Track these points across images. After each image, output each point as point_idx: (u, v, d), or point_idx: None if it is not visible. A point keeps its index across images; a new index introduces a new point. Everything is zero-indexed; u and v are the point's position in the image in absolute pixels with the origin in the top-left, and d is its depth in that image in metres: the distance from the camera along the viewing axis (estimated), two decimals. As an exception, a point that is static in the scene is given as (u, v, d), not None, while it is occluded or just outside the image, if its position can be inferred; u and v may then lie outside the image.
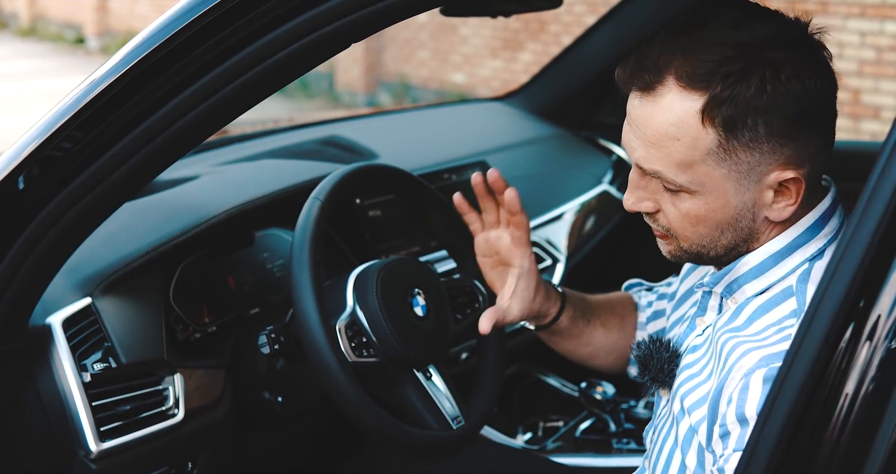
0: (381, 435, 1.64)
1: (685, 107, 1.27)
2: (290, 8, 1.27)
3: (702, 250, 1.39)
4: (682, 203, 1.34)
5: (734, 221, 1.34)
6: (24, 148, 1.37)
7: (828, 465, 1.04)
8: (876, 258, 1.04)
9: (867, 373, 1.02)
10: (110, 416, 1.63)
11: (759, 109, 1.25)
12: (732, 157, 1.28)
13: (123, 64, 1.32)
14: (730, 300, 1.43)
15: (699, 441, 1.35)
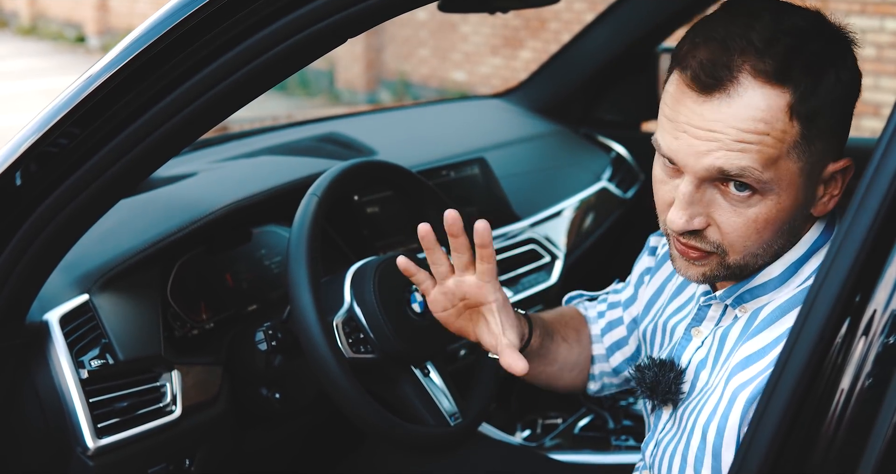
0: (378, 432, 1.64)
1: (771, 102, 1.22)
2: (285, 3, 1.27)
3: (750, 261, 1.32)
4: (749, 209, 1.27)
5: (792, 221, 1.30)
6: (21, 144, 1.37)
7: (824, 461, 1.04)
8: (871, 253, 1.04)
9: (863, 369, 1.02)
10: (107, 413, 1.63)
11: (834, 99, 1.25)
12: (811, 149, 1.25)
13: (119, 60, 1.32)
14: (739, 309, 1.39)
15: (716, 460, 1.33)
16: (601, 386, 1.80)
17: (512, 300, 2.32)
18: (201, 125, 1.39)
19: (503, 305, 1.58)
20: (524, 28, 9.17)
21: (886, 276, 1.02)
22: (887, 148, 1.06)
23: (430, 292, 1.61)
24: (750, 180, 1.24)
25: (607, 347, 1.77)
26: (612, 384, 1.80)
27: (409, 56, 10.51)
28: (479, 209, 2.42)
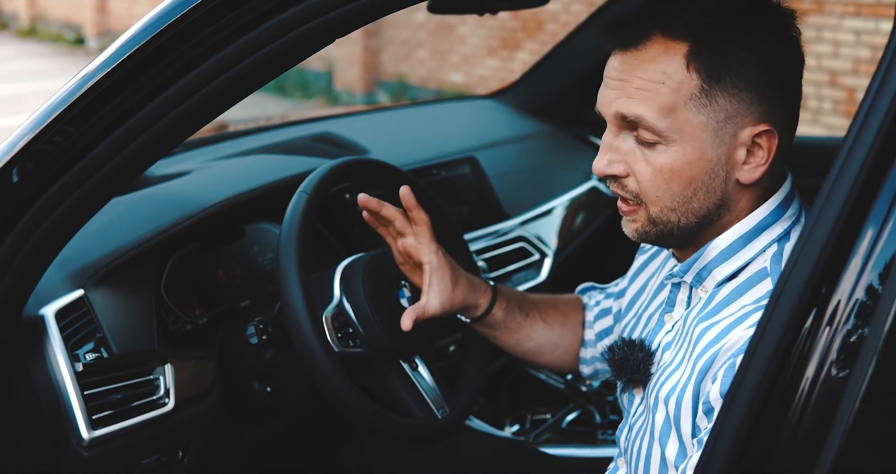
0: (366, 424, 1.67)
1: (670, 54, 1.33)
2: (274, 5, 1.30)
3: (672, 217, 1.39)
4: (657, 157, 1.36)
5: (707, 179, 1.36)
6: (17, 142, 1.39)
7: (790, 446, 1.07)
8: (836, 247, 1.08)
9: (827, 357, 1.06)
10: (102, 405, 1.64)
11: (739, 59, 1.33)
12: (713, 104, 1.33)
13: (111, 61, 1.34)
14: (700, 289, 1.45)
15: (677, 433, 1.38)
16: (594, 371, 1.88)
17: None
18: (193, 124, 1.41)
19: (437, 269, 1.74)
20: (521, 29, 9.20)
21: (850, 269, 1.06)
22: (853, 145, 1.09)
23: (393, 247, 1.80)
24: (648, 127, 1.33)
25: (596, 333, 1.84)
26: (604, 369, 1.85)
27: (406, 58, 10.53)
28: (469, 207, 2.45)
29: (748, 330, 1.31)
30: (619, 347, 1.54)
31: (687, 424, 1.37)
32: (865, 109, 1.10)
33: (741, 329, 1.32)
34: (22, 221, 1.41)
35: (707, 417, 1.32)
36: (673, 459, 1.40)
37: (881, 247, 1.05)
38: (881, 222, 1.06)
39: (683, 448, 1.39)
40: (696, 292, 1.47)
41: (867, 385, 1.03)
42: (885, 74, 1.10)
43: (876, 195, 1.07)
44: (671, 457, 1.41)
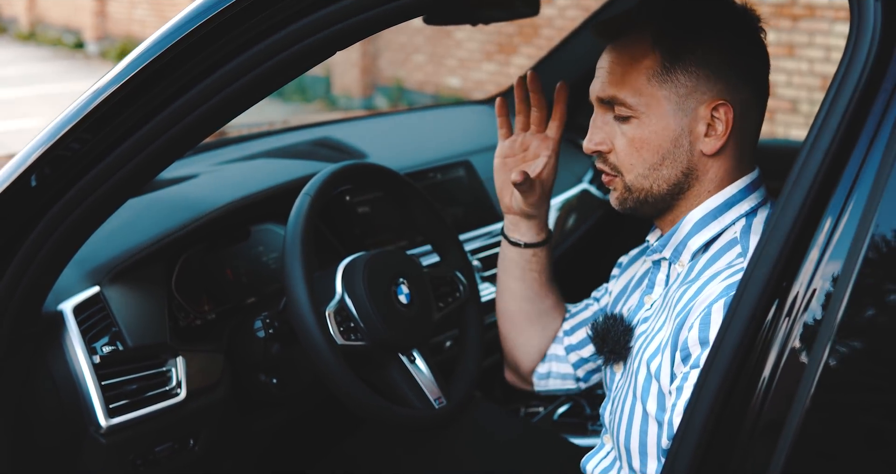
0: (368, 413, 1.75)
1: (640, 39, 1.55)
2: (277, 21, 1.37)
3: (645, 183, 1.58)
4: (630, 130, 1.56)
5: (672, 148, 1.55)
6: (35, 149, 1.45)
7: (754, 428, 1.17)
8: (796, 242, 1.18)
9: (787, 344, 1.16)
10: (118, 395, 1.71)
11: (698, 42, 1.54)
12: (673, 79, 1.53)
13: (128, 71, 1.40)
14: (677, 265, 1.60)
15: (657, 386, 1.51)
16: (548, 372, 1.95)
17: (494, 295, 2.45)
18: (202, 131, 1.47)
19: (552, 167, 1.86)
20: (518, 34, 9.26)
21: (807, 262, 1.16)
22: (812, 147, 1.19)
23: (504, 139, 1.89)
24: (620, 102, 1.53)
25: (565, 330, 1.94)
26: (557, 373, 1.94)
27: (404, 62, 10.59)
28: (464, 209, 2.53)
29: (722, 283, 1.46)
30: (600, 322, 1.68)
31: (666, 375, 1.49)
32: (823, 115, 1.19)
33: (715, 283, 1.48)
34: (41, 224, 1.46)
35: (684, 363, 1.46)
36: (654, 412, 1.52)
37: (836, 242, 1.15)
38: (836, 218, 1.15)
39: (662, 399, 1.50)
40: (675, 268, 1.61)
41: (822, 369, 1.13)
42: (842, 79, 1.19)
43: (832, 193, 1.17)
44: (652, 411, 1.53)
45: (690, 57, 1.53)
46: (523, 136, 1.87)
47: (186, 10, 1.41)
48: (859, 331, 1.15)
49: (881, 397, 1.15)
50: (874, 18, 1.19)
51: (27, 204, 1.46)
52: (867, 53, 1.18)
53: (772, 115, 7.17)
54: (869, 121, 1.17)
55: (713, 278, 1.50)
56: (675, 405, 1.44)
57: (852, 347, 1.15)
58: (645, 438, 1.55)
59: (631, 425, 1.57)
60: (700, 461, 1.21)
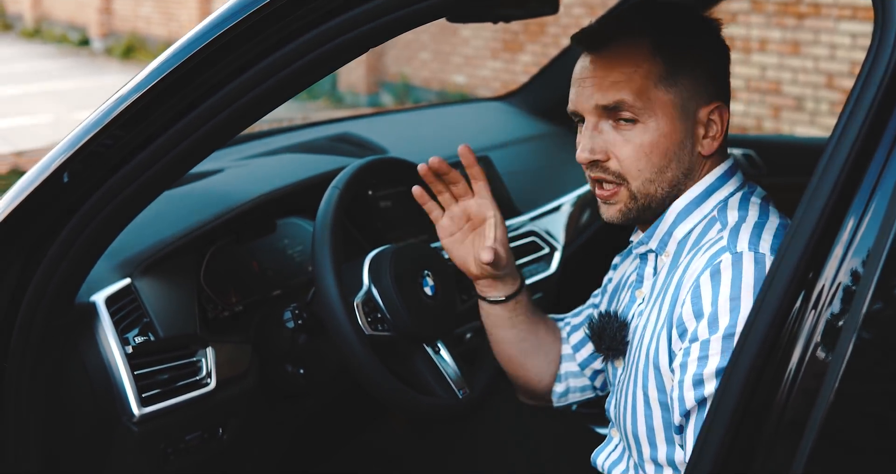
0: (393, 402, 1.78)
1: (637, 48, 1.57)
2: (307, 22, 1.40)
3: (651, 188, 1.58)
4: (636, 136, 1.56)
5: (678, 151, 1.58)
6: (69, 145, 1.48)
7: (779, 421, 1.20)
8: (822, 236, 1.21)
9: (812, 339, 1.19)
10: (150, 384, 1.74)
11: (690, 47, 1.58)
12: (678, 83, 1.57)
13: (160, 70, 1.43)
14: (664, 255, 1.63)
15: (657, 370, 1.54)
16: (566, 389, 1.95)
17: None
18: (231, 130, 1.50)
19: (500, 223, 1.85)
20: (523, 32, 9.29)
21: (833, 255, 1.19)
22: (838, 142, 1.22)
23: (440, 220, 1.88)
24: (628, 107, 1.54)
25: (573, 345, 1.94)
26: (576, 387, 1.95)
27: (410, 59, 10.61)
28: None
29: (704, 255, 1.51)
30: (596, 320, 1.72)
31: (664, 355, 1.53)
32: (848, 111, 1.22)
33: (698, 258, 1.52)
34: (73, 220, 1.49)
35: (681, 338, 1.49)
36: (656, 396, 1.56)
37: (861, 235, 1.17)
38: (861, 213, 1.18)
39: (662, 382, 1.54)
40: (661, 259, 1.64)
41: (846, 364, 1.15)
42: (867, 76, 1.22)
43: (857, 189, 1.19)
44: (653, 396, 1.56)
45: (690, 62, 1.57)
46: (457, 209, 1.87)
47: (218, 10, 1.44)
48: (883, 325, 1.17)
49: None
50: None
51: (60, 200, 1.48)
52: (892, 51, 1.20)
53: (777, 113, 7.20)
54: (893, 119, 1.19)
55: (695, 256, 1.53)
56: (682, 381, 1.46)
57: (876, 342, 1.17)
58: (651, 423, 1.58)
59: (636, 414, 1.60)
60: (725, 455, 1.24)
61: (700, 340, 1.45)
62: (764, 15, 7.23)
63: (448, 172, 1.84)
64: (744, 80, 7.38)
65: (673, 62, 1.56)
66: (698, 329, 1.45)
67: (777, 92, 7.19)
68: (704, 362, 1.44)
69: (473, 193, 1.86)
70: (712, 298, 1.44)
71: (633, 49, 1.56)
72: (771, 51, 7.17)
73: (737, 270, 1.45)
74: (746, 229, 1.51)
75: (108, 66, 14.21)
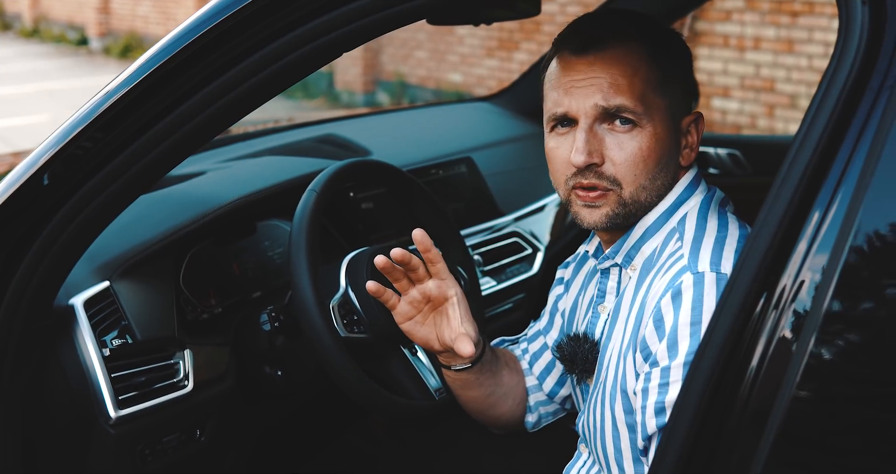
0: (369, 404, 1.78)
1: (634, 52, 1.56)
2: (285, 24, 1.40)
3: (641, 196, 1.56)
4: (632, 141, 1.54)
5: (668, 158, 1.57)
6: (49, 148, 1.48)
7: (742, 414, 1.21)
8: (784, 238, 1.21)
9: (775, 334, 1.19)
10: (127, 387, 1.74)
11: (680, 56, 1.62)
12: (670, 89, 1.58)
13: (140, 72, 1.43)
14: (629, 269, 1.61)
15: (623, 390, 1.53)
16: (538, 418, 1.92)
17: (496, 289, 2.49)
18: (210, 131, 1.50)
19: (462, 299, 1.72)
20: (519, 30, 9.29)
21: (795, 255, 1.19)
22: (801, 143, 1.23)
23: (397, 306, 1.73)
24: (627, 113, 1.53)
25: (538, 376, 1.91)
26: (547, 413, 1.93)
27: (406, 58, 10.62)
28: (465, 204, 2.57)
29: (664, 277, 1.49)
30: (566, 343, 1.69)
31: (631, 376, 1.51)
32: (812, 113, 1.23)
33: (659, 278, 1.50)
34: (53, 221, 1.49)
35: (645, 361, 1.47)
36: (623, 417, 1.54)
37: (822, 235, 1.18)
38: (823, 212, 1.19)
39: (629, 403, 1.52)
40: (626, 273, 1.62)
41: (808, 359, 1.16)
42: (830, 80, 1.23)
43: (819, 188, 1.20)
44: (620, 416, 1.54)
45: (677, 72, 1.59)
46: (415, 292, 1.71)
47: (197, 13, 1.44)
48: (845, 321, 1.18)
49: (867, 387, 1.18)
50: (862, 21, 1.22)
51: (40, 201, 1.49)
52: (855, 54, 1.21)
53: (771, 111, 7.20)
54: (856, 119, 1.20)
55: (657, 274, 1.52)
56: (644, 407, 1.45)
57: (838, 337, 1.18)
58: (619, 444, 1.57)
59: (604, 433, 1.59)
60: (691, 447, 1.25)
61: (661, 366, 1.44)
62: (758, 13, 7.23)
63: (409, 262, 1.68)
64: (738, 78, 7.38)
65: (665, 70, 1.57)
66: (658, 353, 1.44)
67: (771, 90, 7.19)
68: (665, 390, 1.43)
69: (431, 275, 1.71)
70: (673, 321, 1.43)
71: (632, 54, 1.55)
72: (765, 49, 7.17)
73: (698, 292, 1.43)
74: (707, 245, 1.49)
75: (106, 66, 14.21)
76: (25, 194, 1.49)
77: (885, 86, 1.19)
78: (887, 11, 1.21)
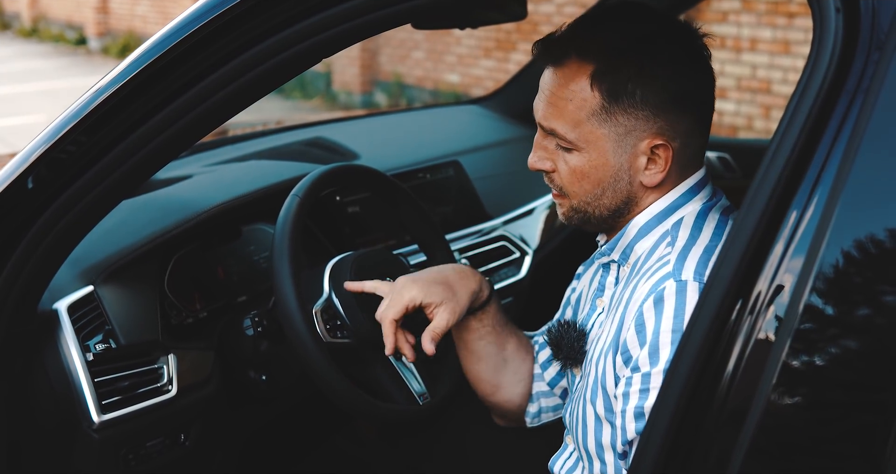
0: (353, 409, 1.77)
1: (580, 74, 1.52)
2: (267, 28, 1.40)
3: (588, 208, 1.59)
4: (571, 160, 1.56)
5: (613, 181, 1.56)
6: (33, 151, 1.48)
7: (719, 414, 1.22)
8: (759, 245, 1.22)
9: (751, 337, 1.21)
10: (111, 391, 1.75)
11: (637, 82, 1.51)
12: (612, 120, 1.52)
13: (123, 75, 1.43)
14: (625, 266, 1.63)
15: (603, 388, 1.54)
16: (538, 409, 1.91)
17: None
18: (195, 134, 1.51)
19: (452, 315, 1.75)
20: (516, 31, 9.29)
21: (771, 259, 1.21)
22: (777, 148, 1.24)
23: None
24: (560, 136, 1.53)
25: (541, 364, 1.91)
26: (548, 407, 1.92)
27: (403, 58, 10.62)
28: (453, 208, 2.57)
29: (648, 282, 1.50)
30: (555, 329, 1.71)
31: (610, 376, 1.53)
32: (787, 118, 1.24)
33: (644, 282, 1.51)
34: (37, 225, 1.49)
35: (625, 365, 1.49)
36: (603, 414, 1.55)
37: (798, 240, 1.19)
38: (799, 216, 1.20)
39: (609, 401, 1.53)
40: (623, 270, 1.64)
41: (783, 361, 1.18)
42: (805, 85, 1.24)
43: (795, 192, 1.21)
44: (601, 413, 1.56)
45: (629, 99, 1.51)
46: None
47: (181, 16, 1.44)
48: (820, 324, 1.19)
49: (843, 389, 1.20)
50: (835, 28, 1.23)
51: (24, 205, 1.49)
52: (829, 60, 1.22)
53: (768, 112, 7.20)
54: (831, 122, 1.22)
55: (642, 277, 1.53)
56: (623, 411, 1.47)
57: (813, 340, 1.19)
58: (600, 439, 1.58)
59: (586, 427, 1.60)
60: (669, 447, 1.26)
61: (641, 372, 1.45)
62: (755, 14, 7.23)
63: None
64: (735, 79, 7.38)
65: (611, 96, 1.51)
66: (639, 359, 1.45)
67: (767, 91, 7.19)
68: (645, 395, 1.44)
69: None
70: (654, 328, 1.44)
71: (576, 75, 1.52)
72: (761, 50, 7.17)
73: (680, 300, 1.44)
74: (695, 254, 1.50)
75: (105, 66, 14.21)
76: (9, 198, 1.49)
77: (859, 89, 1.21)
78: (860, 19, 1.22)
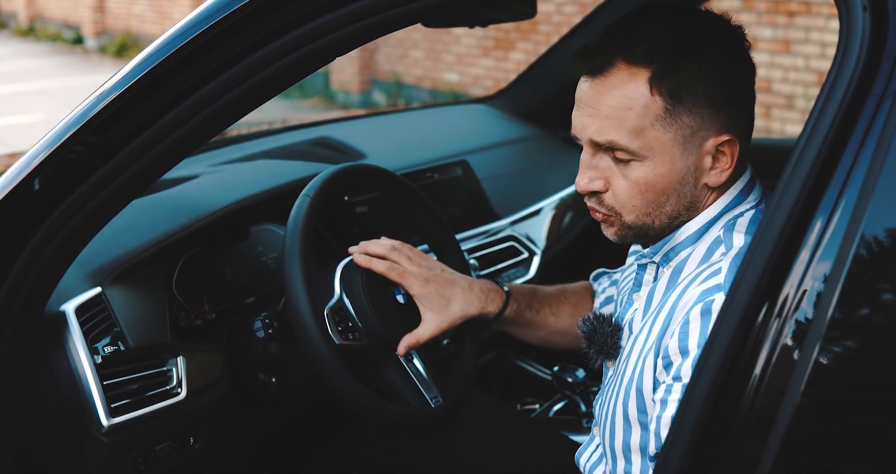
0: (364, 411, 1.76)
1: (634, 80, 1.45)
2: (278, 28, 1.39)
3: (646, 221, 1.53)
4: (632, 172, 1.49)
5: (678, 186, 1.50)
6: (40, 152, 1.46)
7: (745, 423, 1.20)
8: (786, 246, 1.20)
9: (778, 343, 1.18)
10: (119, 394, 1.73)
11: (698, 79, 1.46)
12: (678, 122, 1.46)
13: (131, 75, 1.42)
14: (666, 267, 1.59)
15: (640, 390, 1.52)
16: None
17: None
18: (203, 135, 1.49)
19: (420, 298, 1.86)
20: (515, 30, 9.28)
21: (798, 262, 1.18)
22: (804, 149, 1.22)
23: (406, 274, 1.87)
24: (621, 148, 1.46)
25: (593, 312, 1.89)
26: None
27: (402, 58, 10.61)
28: (461, 208, 2.55)
29: (699, 287, 1.46)
30: (589, 320, 1.68)
31: (649, 380, 1.50)
32: (814, 118, 1.22)
33: (693, 287, 1.47)
34: (44, 227, 1.47)
35: (666, 371, 1.46)
36: (635, 416, 1.53)
37: (826, 243, 1.17)
38: (826, 219, 1.18)
39: (643, 403, 1.51)
40: (663, 270, 1.60)
41: (812, 367, 1.15)
42: (832, 84, 1.22)
43: (822, 194, 1.19)
44: (633, 415, 1.53)
45: (692, 98, 1.46)
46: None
47: (191, 15, 1.43)
48: (849, 329, 1.17)
49: (871, 394, 1.17)
50: (863, 28, 1.21)
51: (31, 207, 1.47)
52: (857, 60, 1.20)
53: (767, 111, 7.19)
54: (859, 125, 1.19)
55: (692, 282, 1.49)
56: (659, 417, 1.44)
57: (842, 345, 1.17)
58: (628, 441, 1.56)
59: (614, 427, 1.58)
60: (692, 456, 1.24)
61: (683, 382, 1.42)
62: (755, 13, 7.23)
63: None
64: (735, 79, 7.37)
65: (673, 97, 1.45)
66: (682, 368, 1.42)
67: (768, 90, 7.18)
68: None
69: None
70: (699, 339, 1.41)
71: (628, 81, 1.45)
72: (762, 49, 7.16)
73: None
74: None
75: (102, 65, 14.19)
76: (16, 199, 1.47)
77: (887, 91, 1.18)
78: (888, 17, 1.20)
